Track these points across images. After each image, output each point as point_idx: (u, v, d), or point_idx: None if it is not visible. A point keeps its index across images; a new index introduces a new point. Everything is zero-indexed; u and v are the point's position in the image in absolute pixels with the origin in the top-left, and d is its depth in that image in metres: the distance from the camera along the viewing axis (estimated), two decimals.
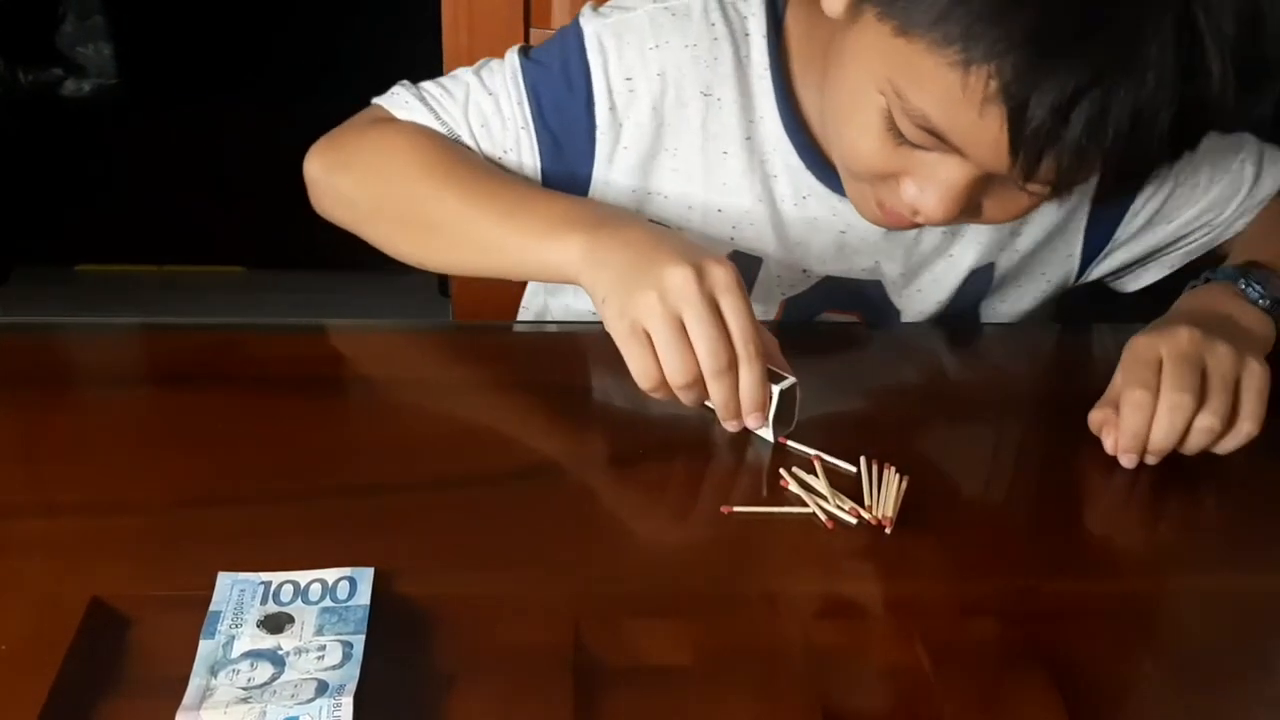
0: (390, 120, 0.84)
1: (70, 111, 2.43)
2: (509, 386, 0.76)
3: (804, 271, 0.86)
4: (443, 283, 2.19)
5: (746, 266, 0.85)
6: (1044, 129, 0.59)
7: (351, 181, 0.83)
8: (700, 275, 0.65)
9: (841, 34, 0.69)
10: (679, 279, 0.65)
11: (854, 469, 0.67)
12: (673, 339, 0.65)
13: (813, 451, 0.68)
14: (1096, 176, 0.64)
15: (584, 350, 0.83)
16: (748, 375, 0.65)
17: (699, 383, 0.65)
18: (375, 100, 0.87)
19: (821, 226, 0.84)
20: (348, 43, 2.33)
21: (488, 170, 0.81)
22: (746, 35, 0.81)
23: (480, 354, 0.81)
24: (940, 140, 0.65)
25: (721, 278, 0.65)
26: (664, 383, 0.66)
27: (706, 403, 0.68)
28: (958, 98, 0.61)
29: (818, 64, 0.78)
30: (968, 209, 0.70)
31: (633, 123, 0.82)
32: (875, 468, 0.67)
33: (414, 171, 0.79)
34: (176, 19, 2.41)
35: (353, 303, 2.23)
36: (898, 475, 0.66)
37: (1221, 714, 0.56)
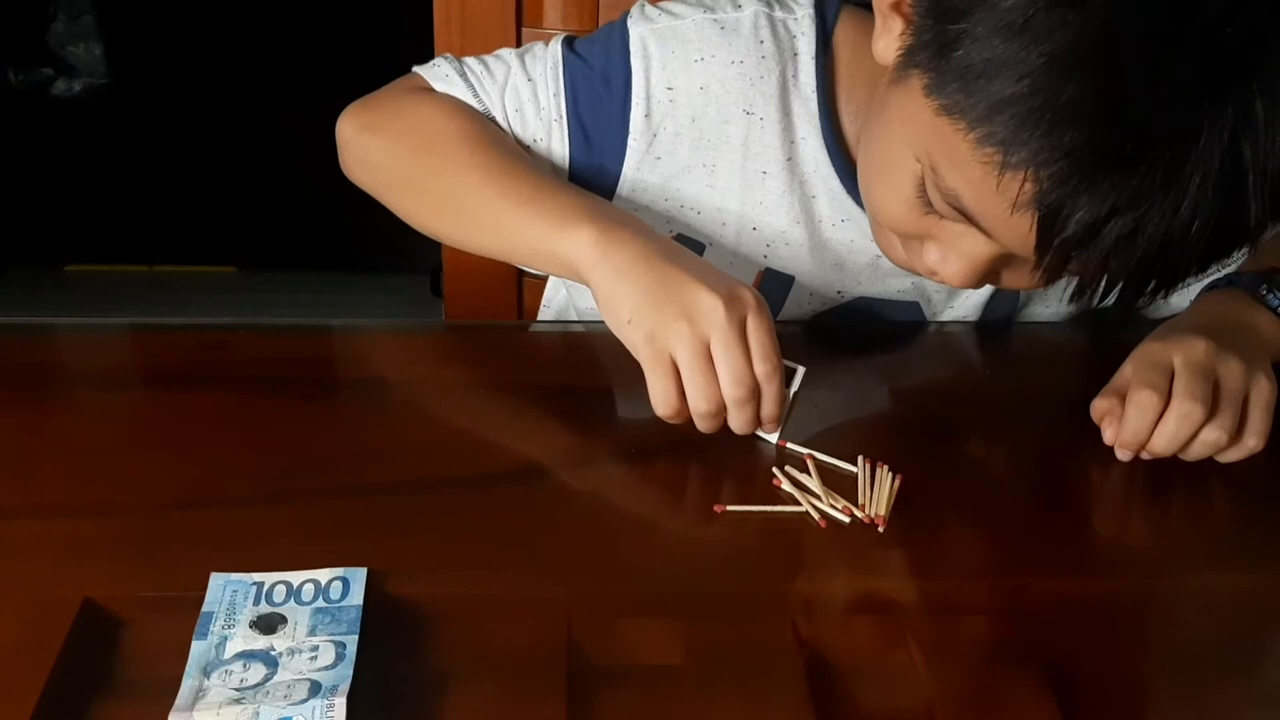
0: (428, 91, 0.84)
1: (61, 111, 2.42)
2: (501, 387, 0.76)
3: (838, 292, 0.86)
4: (435, 282, 2.18)
5: (778, 284, 0.85)
6: (1073, 239, 0.58)
7: (380, 147, 0.83)
8: (729, 302, 0.65)
9: (887, 87, 0.68)
10: (709, 305, 0.64)
11: (850, 468, 0.67)
12: (701, 367, 0.64)
13: (805, 451, 0.68)
14: None
15: (576, 350, 0.83)
16: (769, 394, 0.65)
17: (721, 412, 0.65)
18: (416, 69, 0.86)
19: (858, 249, 0.84)
20: (340, 42, 2.33)
21: (516, 155, 0.80)
22: (795, 55, 0.80)
23: (472, 354, 0.81)
24: (968, 219, 0.64)
25: (751, 303, 0.66)
26: (682, 410, 0.66)
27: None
28: (991, 191, 0.60)
29: (862, 90, 0.78)
30: (987, 276, 0.69)
31: (669, 133, 0.81)
32: (869, 466, 0.67)
33: (442, 146, 0.79)
34: (167, 18, 2.40)
35: (344, 303, 2.23)
36: (891, 474, 0.66)
37: (1214, 713, 0.56)
